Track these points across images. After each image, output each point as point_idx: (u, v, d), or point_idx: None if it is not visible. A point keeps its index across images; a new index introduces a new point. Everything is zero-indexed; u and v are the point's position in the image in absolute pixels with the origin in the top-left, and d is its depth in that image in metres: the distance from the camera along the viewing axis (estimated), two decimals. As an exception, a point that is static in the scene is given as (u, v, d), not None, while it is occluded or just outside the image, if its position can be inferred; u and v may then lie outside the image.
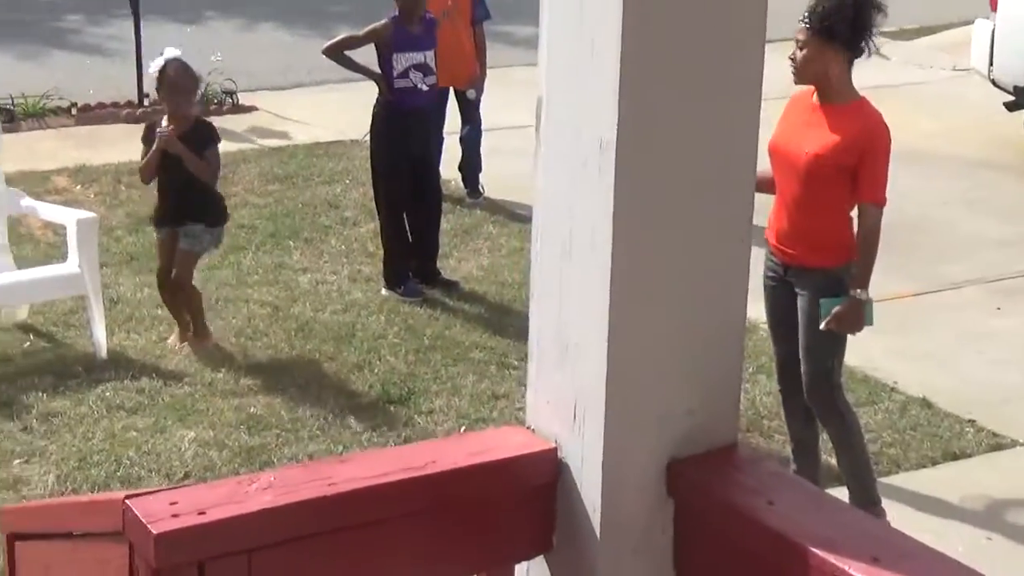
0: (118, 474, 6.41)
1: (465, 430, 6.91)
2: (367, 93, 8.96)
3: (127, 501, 1.89)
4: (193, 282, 7.85)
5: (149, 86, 10.68)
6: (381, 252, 8.83)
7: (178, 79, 7.61)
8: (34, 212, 8.33)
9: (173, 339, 7.81)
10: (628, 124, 1.87)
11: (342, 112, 12.04)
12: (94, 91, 13.02)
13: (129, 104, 12.68)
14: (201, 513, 1.86)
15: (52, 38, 15.94)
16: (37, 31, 16.23)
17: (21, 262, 8.32)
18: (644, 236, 1.93)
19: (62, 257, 8.19)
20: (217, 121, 9.33)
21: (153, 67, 7.73)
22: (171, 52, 7.72)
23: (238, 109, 12.50)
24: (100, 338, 7.60)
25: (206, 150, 7.63)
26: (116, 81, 13.10)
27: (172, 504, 1.88)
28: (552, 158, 2.04)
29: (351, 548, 1.95)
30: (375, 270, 8.95)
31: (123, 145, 11.33)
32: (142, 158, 7.76)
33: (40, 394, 7.14)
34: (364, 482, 1.97)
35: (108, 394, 7.15)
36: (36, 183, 9.97)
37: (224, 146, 8.19)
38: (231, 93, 12.43)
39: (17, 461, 6.53)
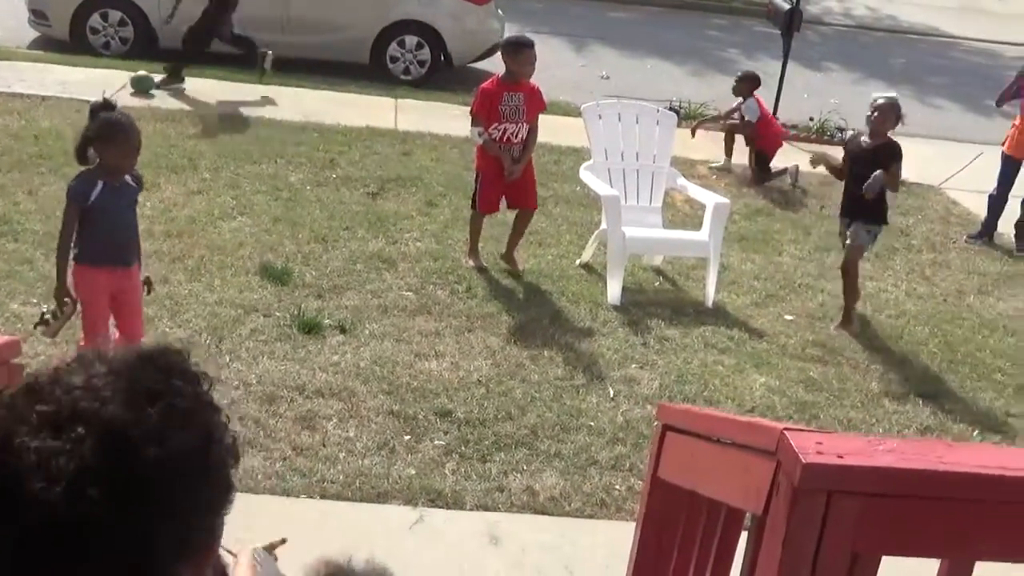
0: (704, 394, 6.53)
1: (977, 434, 6.52)
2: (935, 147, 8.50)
3: (784, 432, 1.92)
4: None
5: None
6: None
7: (887, 107, 7.42)
8: (684, 189, 8.55)
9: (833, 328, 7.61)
10: None
11: (934, 161, 11.51)
12: (738, 108, 13.12)
13: (764, 123, 12.70)
14: (839, 456, 1.86)
15: (715, 63, 16.21)
16: (706, 56, 16.59)
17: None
18: None
19: (694, 226, 8.39)
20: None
21: (875, 95, 7.63)
22: (893, 94, 7.69)
23: (844, 144, 12.24)
24: (710, 292, 7.74)
25: (893, 163, 7.38)
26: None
27: (818, 444, 1.89)
28: None
29: (946, 515, 1.89)
30: (927, 291, 8.57)
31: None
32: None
33: (659, 321, 7.37)
34: (967, 467, 1.90)
35: (707, 334, 7.28)
36: (685, 167, 10.20)
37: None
38: (842, 130, 12.20)
39: (634, 365, 6.79)
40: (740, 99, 11.02)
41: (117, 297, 5.39)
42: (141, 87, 10.97)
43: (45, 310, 5.43)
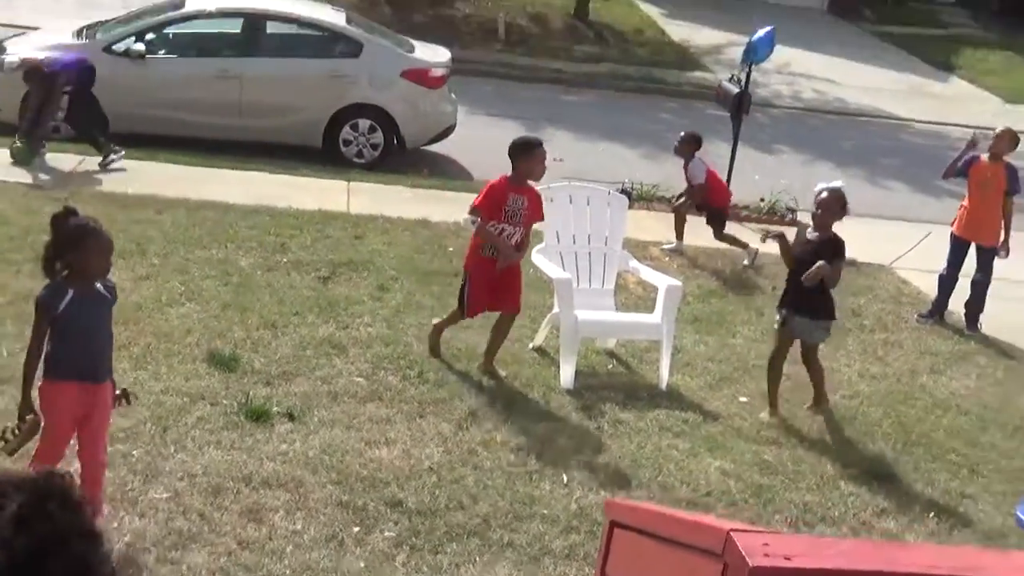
0: (658, 479, 6.48)
1: (933, 516, 6.49)
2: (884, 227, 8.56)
3: (731, 533, 1.87)
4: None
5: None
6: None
7: (831, 200, 7.30)
8: (636, 272, 8.56)
9: (764, 414, 7.47)
10: None
11: (884, 241, 11.62)
12: (689, 191, 13.22)
13: (714, 204, 12.79)
14: (787, 558, 1.81)
15: (667, 145, 16.27)
16: (658, 139, 16.74)
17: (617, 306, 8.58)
18: None
19: (647, 308, 8.39)
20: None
21: (819, 187, 7.45)
22: (838, 183, 7.56)
23: (795, 223, 12.32)
24: (664, 374, 7.72)
25: (835, 260, 7.22)
26: (707, 185, 13.24)
27: (765, 545, 1.84)
28: None
29: (897, 618, 1.84)
30: (880, 371, 8.60)
31: (705, 234, 11.41)
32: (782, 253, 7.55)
33: (613, 405, 7.34)
34: (918, 568, 1.85)
35: (661, 418, 7.25)
36: (637, 249, 10.22)
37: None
38: (793, 210, 12.34)
39: (588, 450, 6.75)
40: (683, 160, 11.27)
41: (83, 416, 5.11)
42: (21, 158, 11.21)
43: (7, 427, 5.19)
